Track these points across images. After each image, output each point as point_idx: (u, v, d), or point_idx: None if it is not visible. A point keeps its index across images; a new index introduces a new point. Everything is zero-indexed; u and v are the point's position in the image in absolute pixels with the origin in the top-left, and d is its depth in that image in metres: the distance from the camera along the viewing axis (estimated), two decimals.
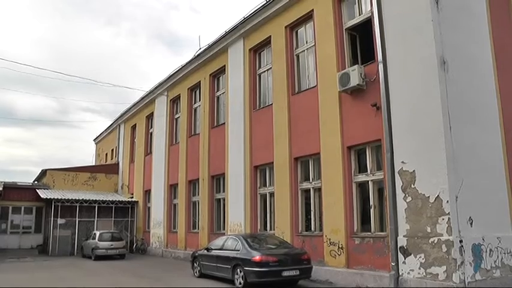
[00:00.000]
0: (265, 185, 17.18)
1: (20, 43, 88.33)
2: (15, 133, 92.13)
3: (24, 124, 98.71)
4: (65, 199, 26.56)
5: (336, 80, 13.29)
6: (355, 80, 12.52)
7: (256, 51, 18.41)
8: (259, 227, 17.07)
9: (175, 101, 25.42)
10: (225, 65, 20.21)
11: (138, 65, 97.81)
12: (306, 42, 15.76)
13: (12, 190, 27.90)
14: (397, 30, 11.63)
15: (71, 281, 14.68)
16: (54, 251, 25.65)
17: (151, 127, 28.66)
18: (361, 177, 12.87)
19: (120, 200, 29.02)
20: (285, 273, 11.84)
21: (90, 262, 21.64)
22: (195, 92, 23.40)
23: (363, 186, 12.92)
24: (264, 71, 18.00)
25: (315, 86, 14.79)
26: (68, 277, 15.78)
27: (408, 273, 10.51)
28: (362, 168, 12.99)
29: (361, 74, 12.50)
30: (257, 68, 18.36)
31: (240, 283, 12.28)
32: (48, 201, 26.73)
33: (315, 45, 15.01)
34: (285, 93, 15.96)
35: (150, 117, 28.87)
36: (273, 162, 16.30)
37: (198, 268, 15.09)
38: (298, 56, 16.13)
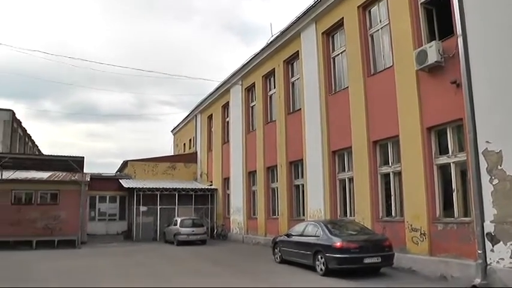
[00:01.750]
0: (343, 170, 16.88)
1: (99, 44, 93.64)
2: (97, 128, 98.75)
3: (106, 119, 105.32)
4: (146, 188, 27.81)
5: (412, 58, 12.68)
6: (433, 56, 11.86)
7: (329, 34, 18.03)
8: (339, 213, 16.84)
9: (250, 90, 25.62)
10: (298, 51, 20.04)
11: (212, 56, 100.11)
12: (380, 21, 15.15)
13: (98, 181, 29.47)
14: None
15: (154, 266, 15.33)
16: (138, 237, 27.00)
17: (227, 116, 29.11)
18: (443, 160, 12.23)
19: (200, 187, 29.85)
20: (367, 260, 11.57)
21: (173, 247, 22.44)
22: (270, 79, 23.41)
23: (444, 169, 12.26)
24: (338, 54, 17.61)
25: (391, 66, 14.22)
26: (151, 262, 16.49)
27: (497, 262, 9.77)
28: (443, 150, 12.32)
29: (439, 50, 11.81)
30: (331, 52, 18.01)
31: (321, 269, 12.16)
32: (131, 190, 28.14)
33: (389, 23, 14.40)
34: (361, 75, 15.52)
35: (225, 107, 29.34)
36: (351, 147, 15.97)
37: (279, 254, 15.14)
38: (372, 36, 15.57)
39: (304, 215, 18.98)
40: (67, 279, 12.49)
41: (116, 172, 35.84)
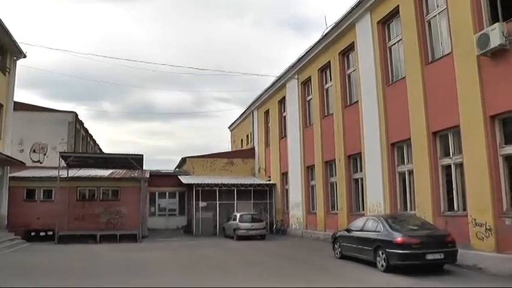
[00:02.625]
0: (403, 163, 16.39)
1: (155, 46, 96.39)
2: (156, 126, 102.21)
3: (164, 118, 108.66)
4: (205, 184, 28.27)
5: (473, 43, 12.04)
6: (496, 40, 11.19)
7: (385, 23, 17.55)
8: (399, 207, 16.34)
9: (306, 84, 25.38)
10: (353, 42, 19.65)
11: (267, 51, 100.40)
12: (437, 6, 14.52)
13: (157, 177, 30.48)
14: None
15: (216, 259, 15.63)
16: (198, 232, 27.48)
17: (284, 111, 29.05)
18: (509, 150, 11.52)
19: (258, 183, 29.97)
20: (429, 257, 11.02)
21: (232, 242, 22.67)
22: (325, 72, 23.09)
23: (510, 160, 11.54)
24: (395, 43, 17.10)
25: (449, 53, 13.59)
26: (213, 255, 16.81)
27: None
28: (509, 139, 11.60)
29: (503, 32, 11.12)
30: (387, 41, 17.55)
31: (382, 265, 11.76)
32: (190, 186, 28.65)
33: (447, 7, 13.76)
34: (418, 63, 14.97)
35: (282, 102, 29.26)
36: (410, 138, 15.47)
37: (339, 249, 14.83)
38: (429, 23, 14.95)
39: (363, 209, 18.59)
40: (136, 270, 13.11)
41: (175, 169, 36.75)
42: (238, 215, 24.39)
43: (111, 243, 21.68)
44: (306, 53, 23.90)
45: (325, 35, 21.56)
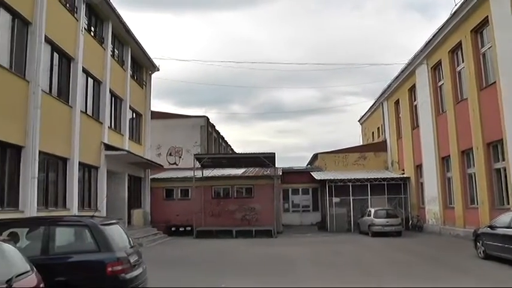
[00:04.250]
0: None
1: (279, 46, 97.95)
2: (285, 125, 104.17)
3: (292, 116, 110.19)
4: (337, 179, 27.96)
5: None
6: None
7: None
8: None
9: (436, 68, 23.78)
10: (487, 16, 17.78)
11: (393, 39, 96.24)
12: None
13: (290, 174, 31.17)
14: None
15: (349, 257, 15.31)
16: (332, 228, 27.25)
17: (414, 100, 27.58)
18: None
19: (392, 177, 28.79)
20: None
21: (367, 238, 22.13)
22: (457, 53, 21.37)
23: None
24: None
25: None
26: (346, 252, 16.53)
27: None
28: None
29: None
30: None
31: None
32: (322, 182, 28.67)
33: None
34: None
35: (412, 90, 27.81)
36: None
37: (482, 248, 13.34)
38: None
39: (508, 203, 16.71)
40: (274, 264, 13.48)
41: (307, 165, 37.17)
42: (372, 210, 23.71)
43: (247, 239, 22.58)
44: (434, 35, 22.33)
45: (454, 13, 19.80)
